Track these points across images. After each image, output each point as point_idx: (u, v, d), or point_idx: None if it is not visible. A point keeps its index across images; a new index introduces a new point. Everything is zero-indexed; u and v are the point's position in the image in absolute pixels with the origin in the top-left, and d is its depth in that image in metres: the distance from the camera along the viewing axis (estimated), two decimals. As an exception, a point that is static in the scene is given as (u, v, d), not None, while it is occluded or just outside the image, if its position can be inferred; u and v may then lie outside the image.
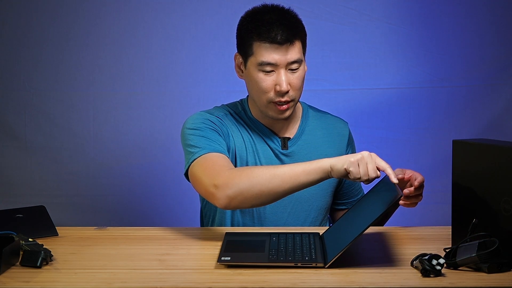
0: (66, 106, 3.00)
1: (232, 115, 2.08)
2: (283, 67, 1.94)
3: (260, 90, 1.97)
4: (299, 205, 2.08)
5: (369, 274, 1.56)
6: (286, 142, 2.07)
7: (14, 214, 1.96)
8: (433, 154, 2.97)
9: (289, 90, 1.96)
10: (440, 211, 2.83)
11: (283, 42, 1.92)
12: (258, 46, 1.94)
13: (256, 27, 1.95)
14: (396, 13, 2.95)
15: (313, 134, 2.11)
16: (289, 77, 1.95)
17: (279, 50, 1.93)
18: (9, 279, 1.53)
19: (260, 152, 2.06)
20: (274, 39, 1.92)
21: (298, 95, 2.00)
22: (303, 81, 2.00)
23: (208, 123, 2.01)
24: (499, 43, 2.96)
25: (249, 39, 1.96)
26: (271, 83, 1.96)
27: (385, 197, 1.68)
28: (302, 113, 2.12)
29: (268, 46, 1.93)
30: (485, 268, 1.53)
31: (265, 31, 1.93)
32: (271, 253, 1.65)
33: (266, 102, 1.98)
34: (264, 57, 1.94)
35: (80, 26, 2.97)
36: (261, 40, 1.93)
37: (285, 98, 1.96)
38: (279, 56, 1.93)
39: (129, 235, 1.93)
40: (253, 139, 2.06)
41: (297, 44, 1.96)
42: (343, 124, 2.18)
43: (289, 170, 1.78)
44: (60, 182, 3.02)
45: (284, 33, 1.92)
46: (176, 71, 2.98)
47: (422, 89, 2.98)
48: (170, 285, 1.50)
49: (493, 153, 1.62)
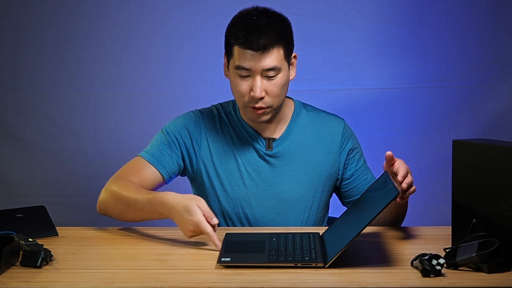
0: (66, 106, 3.00)
1: (221, 116, 2.10)
2: (259, 73, 1.94)
3: (237, 93, 1.99)
4: (287, 205, 2.07)
5: (369, 274, 1.56)
6: (271, 143, 2.07)
7: (14, 214, 1.96)
8: (433, 154, 2.97)
9: (264, 97, 1.95)
10: (440, 211, 2.82)
11: (258, 48, 1.91)
12: (236, 49, 1.94)
13: (236, 31, 1.95)
14: (396, 13, 2.95)
15: (302, 134, 2.10)
16: (265, 84, 1.95)
17: (254, 56, 1.92)
18: (9, 279, 1.53)
19: (243, 154, 2.06)
20: (249, 45, 1.91)
21: (277, 101, 1.99)
22: (283, 88, 1.98)
23: (179, 131, 2.08)
24: (499, 43, 2.96)
25: (230, 41, 1.97)
26: (247, 88, 1.96)
27: (383, 195, 1.68)
28: (293, 113, 2.11)
29: (244, 51, 1.93)
30: (485, 268, 1.53)
31: (243, 36, 1.92)
32: (271, 254, 1.65)
33: (243, 105, 1.99)
34: (240, 61, 1.94)
35: (80, 26, 2.97)
36: (239, 44, 1.93)
37: (259, 104, 1.96)
38: (254, 63, 1.92)
39: (129, 235, 1.93)
40: (237, 142, 2.07)
41: (276, 52, 1.93)
42: (337, 122, 2.14)
43: (138, 204, 1.89)
44: (60, 182, 3.02)
45: (261, 40, 1.91)
46: (176, 71, 2.99)
47: (422, 89, 2.98)
48: (170, 285, 1.50)
49: (493, 153, 1.62)
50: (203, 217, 1.74)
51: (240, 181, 2.06)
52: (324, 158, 2.09)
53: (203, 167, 2.07)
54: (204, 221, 1.73)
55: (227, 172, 2.07)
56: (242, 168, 2.06)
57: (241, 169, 2.06)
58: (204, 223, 1.73)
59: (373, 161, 2.26)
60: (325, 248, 1.69)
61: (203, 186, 2.09)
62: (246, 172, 2.06)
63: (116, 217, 1.98)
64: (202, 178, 2.08)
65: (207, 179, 2.08)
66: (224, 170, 2.07)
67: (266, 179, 2.06)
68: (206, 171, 2.07)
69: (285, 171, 2.07)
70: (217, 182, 2.07)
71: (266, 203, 2.06)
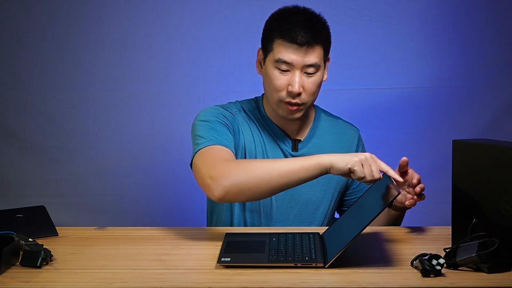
0: (66, 106, 3.00)
1: (246, 111, 2.09)
2: (299, 69, 1.94)
3: (273, 88, 1.97)
4: (306, 208, 2.08)
5: (369, 274, 1.56)
6: (297, 145, 2.07)
7: (14, 214, 1.96)
8: (433, 154, 2.97)
9: (301, 93, 1.95)
10: (440, 211, 2.82)
11: (303, 43, 1.92)
12: (278, 43, 1.94)
13: (279, 25, 1.95)
14: (396, 13, 2.95)
15: (323, 138, 2.11)
16: (303, 80, 1.95)
17: (297, 50, 1.93)
18: (9, 279, 1.53)
19: (269, 152, 2.06)
20: (294, 39, 1.92)
21: (311, 100, 2.00)
22: (319, 87, 1.99)
23: (220, 117, 2.01)
24: (499, 43, 2.96)
25: (271, 35, 1.97)
26: (285, 82, 1.95)
27: (383, 195, 1.68)
28: (315, 116, 2.12)
29: (287, 44, 1.93)
30: (485, 268, 1.53)
31: (287, 29, 1.93)
32: (271, 254, 1.65)
33: (277, 100, 1.98)
34: (282, 54, 1.94)
35: (80, 26, 2.97)
36: (282, 37, 1.94)
37: (295, 100, 1.96)
38: (296, 57, 1.93)
39: (129, 235, 1.93)
40: (264, 138, 2.06)
41: (317, 49, 1.95)
42: (354, 130, 2.18)
43: (287, 164, 1.78)
44: (60, 182, 3.02)
45: (305, 35, 1.92)
46: (176, 71, 2.98)
47: (422, 89, 2.98)
48: (170, 285, 1.50)
49: (493, 153, 1.62)
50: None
51: None
52: None
53: (240, 153, 2.04)
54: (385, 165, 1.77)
55: None
56: None
57: None
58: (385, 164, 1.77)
59: (373, 161, 2.27)
60: (325, 248, 1.69)
61: None
62: None
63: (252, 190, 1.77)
64: None
65: None
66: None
67: None
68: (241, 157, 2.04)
69: None
70: None
71: (286, 204, 2.06)
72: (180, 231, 1.94)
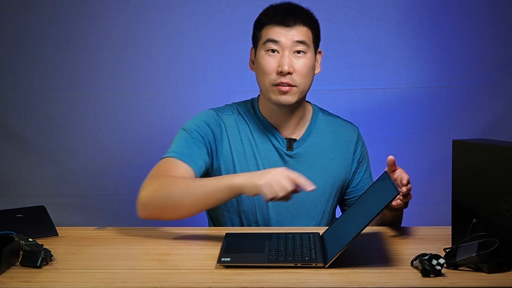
0: (66, 106, 3.00)
1: (240, 113, 2.10)
2: (288, 48, 1.98)
3: (263, 72, 2.00)
4: (303, 207, 2.07)
5: (369, 274, 1.56)
6: (292, 143, 2.07)
7: (14, 214, 1.96)
8: (433, 154, 2.97)
9: (292, 73, 1.97)
10: (440, 211, 2.82)
11: (290, 24, 1.98)
12: (266, 28, 2.01)
13: (266, 13, 2.03)
14: (396, 13, 2.95)
15: (320, 137, 2.11)
16: (293, 60, 1.98)
17: (285, 30, 1.99)
18: (9, 279, 1.53)
19: (263, 152, 2.06)
20: (281, 21, 1.98)
21: (304, 83, 2.00)
22: (310, 72, 2.02)
23: (203, 129, 2.04)
24: (499, 43, 2.96)
25: (260, 26, 2.03)
26: (275, 64, 1.98)
27: (383, 195, 1.68)
28: (312, 115, 2.12)
29: (275, 26, 1.99)
30: (485, 268, 1.53)
31: (274, 14, 2.00)
32: (271, 254, 1.65)
33: (268, 85, 2.00)
34: (270, 35, 1.99)
35: (80, 26, 2.96)
36: (269, 23, 2.00)
37: (287, 79, 1.97)
38: (284, 36, 1.98)
39: (129, 235, 1.93)
40: (255, 139, 2.06)
41: (305, 30, 2.00)
42: (352, 129, 2.18)
43: (201, 188, 1.81)
44: (60, 182, 3.02)
45: (292, 17, 1.99)
46: (176, 71, 2.98)
47: (422, 89, 2.98)
48: (170, 285, 1.50)
49: (493, 153, 1.62)
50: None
51: None
52: (340, 163, 2.11)
53: (223, 165, 2.06)
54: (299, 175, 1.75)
55: (246, 171, 2.04)
56: (261, 167, 2.05)
57: (260, 168, 2.05)
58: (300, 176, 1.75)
59: (373, 161, 2.27)
60: (325, 248, 1.69)
61: None
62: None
63: (168, 212, 1.85)
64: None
65: None
66: (242, 170, 2.05)
67: None
68: (226, 170, 2.06)
69: (303, 173, 2.05)
70: None
71: (282, 204, 2.06)
72: (180, 231, 1.94)
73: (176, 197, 1.83)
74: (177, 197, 1.83)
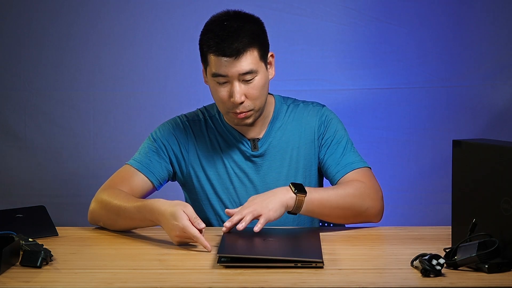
0: (66, 106, 3.00)
1: (206, 119, 2.11)
2: (236, 79, 1.93)
3: (217, 100, 2.00)
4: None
5: (369, 274, 1.56)
6: (256, 143, 2.07)
7: (14, 214, 1.96)
8: (433, 154, 2.97)
9: (243, 101, 1.95)
10: (440, 211, 2.82)
11: (232, 54, 1.91)
12: (211, 57, 1.95)
13: (208, 39, 1.95)
14: (396, 13, 2.95)
15: (283, 129, 2.09)
16: (243, 88, 1.94)
17: (229, 62, 1.92)
18: (9, 279, 1.52)
19: (230, 157, 2.07)
20: (223, 51, 1.91)
21: (258, 103, 1.98)
22: (263, 89, 1.97)
23: (168, 139, 2.08)
24: (499, 43, 2.96)
25: (204, 50, 1.98)
26: (226, 94, 1.96)
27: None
28: (274, 110, 2.11)
29: (218, 58, 1.93)
30: (485, 268, 1.53)
31: (215, 43, 1.92)
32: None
33: (225, 111, 2.00)
34: (216, 68, 1.94)
35: (80, 26, 2.97)
36: (212, 52, 1.94)
37: (240, 109, 1.96)
38: (229, 68, 1.92)
39: (129, 235, 1.93)
40: (221, 144, 2.07)
41: (250, 54, 1.93)
42: (314, 111, 2.12)
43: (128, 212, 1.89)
44: (60, 182, 3.02)
45: (233, 45, 1.91)
46: (176, 71, 2.98)
47: (422, 89, 2.98)
48: (170, 285, 1.50)
49: (493, 153, 1.62)
50: (188, 221, 1.74)
51: (229, 184, 2.07)
52: (307, 149, 2.08)
53: (193, 171, 2.08)
54: (189, 225, 1.73)
55: (216, 175, 2.07)
56: (230, 170, 2.07)
57: (229, 171, 2.07)
58: (189, 227, 1.73)
59: (373, 161, 2.26)
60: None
61: (194, 190, 2.10)
62: (235, 174, 2.07)
63: (108, 226, 1.98)
64: (192, 182, 2.09)
65: (198, 183, 2.08)
66: (213, 174, 2.07)
67: (255, 180, 2.06)
68: (196, 175, 2.08)
69: (272, 169, 2.07)
70: (207, 186, 2.08)
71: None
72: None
73: (111, 218, 1.95)
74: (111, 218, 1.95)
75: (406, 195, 2.92)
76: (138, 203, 1.87)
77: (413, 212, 2.26)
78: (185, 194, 2.16)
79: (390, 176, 2.89)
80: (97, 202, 1.99)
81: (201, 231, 1.75)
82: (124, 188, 2.00)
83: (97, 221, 2.00)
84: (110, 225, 1.97)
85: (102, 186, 2.04)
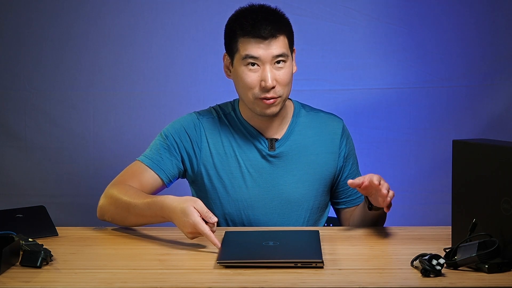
0: (66, 106, 3.00)
1: (221, 117, 2.10)
2: (268, 62, 1.95)
3: (245, 86, 1.98)
4: (289, 206, 2.07)
5: (369, 274, 1.56)
6: (274, 143, 2.07)
7: (14, 214, 1.96)
8: (433, 154, 2.97)
9: (275, 86, 1.96)
10: (440, 211, 2.83)
11: (267, 36, 1.94)
12: (242, 41, 1.96)
13: (240, 24, 1.97)
14: (396, 13, 2.95)
15: (303, 134, 2.10)
16: (274, 73, 1.96)
17: (263, 44, 1.94)
18: (9, 279, 1.53)
19: (245, 155, 2.06)
20: (257, 33, 1.94)
21: (286, 91, 1.99)
22: (291, 78, 2.00)
23: (181, 136, 2.07)
24: (499, 43, 2.96)
25: (234, 36, 1.98)
26: (257, 79, 1.96)
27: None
28: (293, 113, 2.11)
29: (252, 40, 1.95)
30: (485, 268, 1.53)
31: (249, 26, 1.95)
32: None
33: (252, 98, 1.98)
34: (248, 50, 1.95)
35: (80, 26, 2.97)
36: (245, 35, 1.95)
37: (271, 94, 1.96)
38: (263, 50, 1.94)
39: (129, 235, 1.93)
40: (238, 142, 2.07)
41: (282, 39, 1.97)
42: (336, 122, 2.15)
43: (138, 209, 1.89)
44: (60, 182, 3.02)
45: (267, 27, 1.94)
46: (176, 71, 2.98)
47: (422, 89, 2.98)
48: (170, 285, 1.50)
49: (493, 153, 1.62)
50: (199, 218, 1.73)
51: (242, 182, 2.06)
52: (325, 157, 2.09)
53: (204, 169, 2.07)
54: (200, 222, 1.73)
55: (228, 173, 2.06)
56: (244, 169, 2.06)
57: (243, 170, 2.06)
58: (200, 223, 1.73)
59: (373, 161, 2.27)
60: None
61: (204, 188, 2.09)
62: (248, 173, 2.06)
63: (117, 222, 1.97)
64: (203, 180, 2.08)
65: (208, 181, 2.07)
66: (225, 172, 2.06)
67: (268, 180, 2.06)
68: (207, 173, 2.07)
69: (287, 171, 2.07)
70: (218, 184, 2.07)
71: (268, 204, 2.06)
72: (180, 231, 1.93)
73: (121, 214, 1.94)
74: (121, 214, 1.94)
75: (406, 195, 2.92)
76: (148, 199, 1.87)
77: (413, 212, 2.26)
78: (192, 191, 2.15)
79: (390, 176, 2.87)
80: (107, 197, 1.98)
81: (213, 225, 1.75)
82: (134, 184, 2.00)
83: (106, 217, 1.99)
84: (119, 221, 1.96)
85: (112, 182, 2.03)
